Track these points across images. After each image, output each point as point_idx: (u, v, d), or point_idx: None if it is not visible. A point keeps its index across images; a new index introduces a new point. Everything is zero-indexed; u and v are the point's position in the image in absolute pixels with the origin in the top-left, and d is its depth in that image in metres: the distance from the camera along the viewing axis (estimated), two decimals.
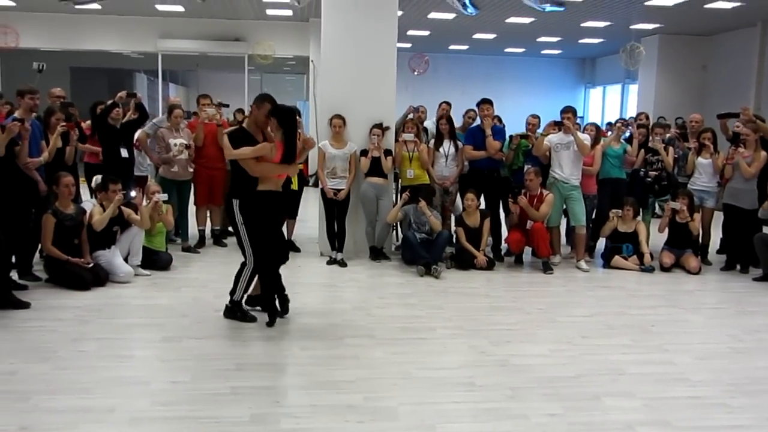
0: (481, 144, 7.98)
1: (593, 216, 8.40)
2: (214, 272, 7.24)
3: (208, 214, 8.64)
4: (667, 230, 8.09)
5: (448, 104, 9.45)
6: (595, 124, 8.50)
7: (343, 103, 7.91)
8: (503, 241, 8.23)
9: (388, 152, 7.89)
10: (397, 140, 8.09)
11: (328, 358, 4.82)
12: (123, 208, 6.91)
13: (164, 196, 7.28)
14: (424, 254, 7.38)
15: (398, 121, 8.59)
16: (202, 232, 8.52)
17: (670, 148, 8.48)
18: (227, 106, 9.08)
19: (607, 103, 22.24)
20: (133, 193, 6.88)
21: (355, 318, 5.76)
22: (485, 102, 8.08)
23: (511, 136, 8.25)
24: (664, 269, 7.85)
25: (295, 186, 8.06)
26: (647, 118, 10.61)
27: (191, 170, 8.16)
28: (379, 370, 4.62)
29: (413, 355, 4.92)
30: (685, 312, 6.32)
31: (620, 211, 7.98)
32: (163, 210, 7.39)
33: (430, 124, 9.55)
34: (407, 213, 7.69)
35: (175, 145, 7.95)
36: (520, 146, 8.19)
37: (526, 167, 8.03)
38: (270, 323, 5.41)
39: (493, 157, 8.02)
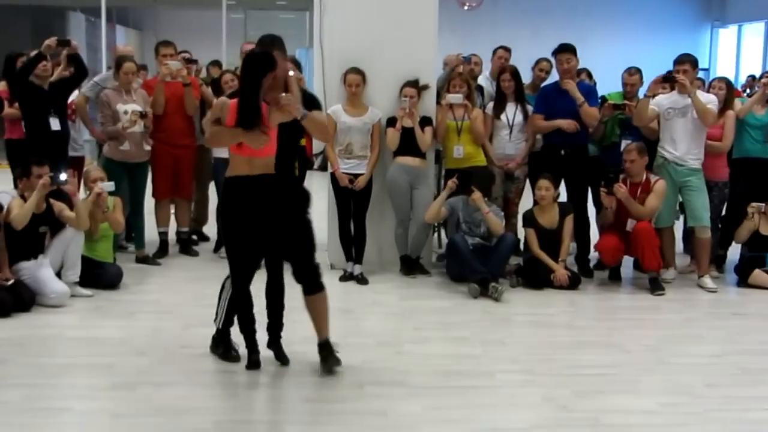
0: (561, 110, 7.98)
1: (723, 212, 8.37)
2: (182, 292, 7.33)
3: (172, 211, 8.75)
4: None
5: (507, 50, 9.43)
6: (725, 80, 8.44)
7: (363, 51, 7.95)
8: (592, 249, 8.23)
9: (426, 121, 7.91)
10: (439, 104, 8.13)
11: (343, 414, 4.85)
12: (53, 201, 7.02)
13: (110, 186, 7.38)
14: (478, 267, 7.41)
15: (441, 77, 8.62)
16: (163, 236, 8.64)
17: None
18: (195, 62, 9.16)
19: (744, 50, 22.03)
20: (63, 176, 6.90)
21: (380, 357, 5.80)
22: (565, 50, 8.05)
23: (602, 98, 8.24)
24: None
25: (294, 170, 8.10)
26: None
27: (148, 149, 8.26)
28: None
29: (462, 410, 4.94)
30: None
31: (763, 205, 7.95)
32: (109, 206, 7.49)
33: (485, 81, 9.56)
34: (454, 208, 7.73)
35: (126, 113, 8.05)
36: (615, 115, 8.17)
37: (623, 143, 8.02)
38: (249, 364, 5.48)
39: (567, 130, 7.98)
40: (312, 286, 5.44)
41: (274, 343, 5.64)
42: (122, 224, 7.80)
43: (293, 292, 5.57)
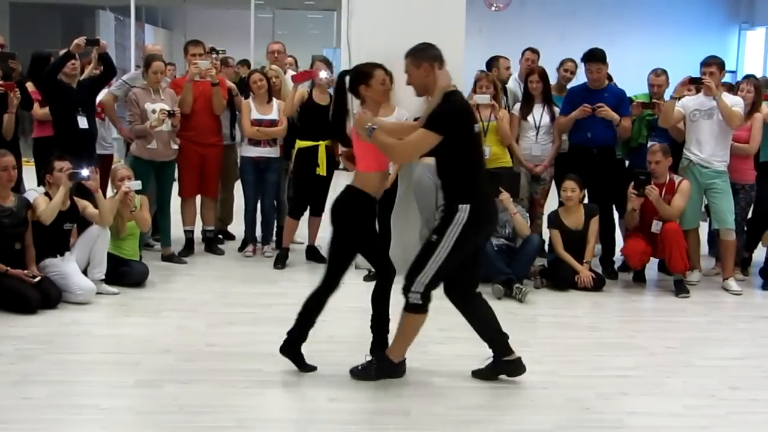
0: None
1: (749, 215, 8.31)
2: (207, 291, 7.37)
3: (198, 210, 8.79)
4: None
5: (535, 52, 9.40)
6: (753, 81, 8.38)
7: (390, 51, 7.91)
8: (618, 252, 8.19)
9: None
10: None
11: (368, 413, 4.87)
12: (77, 198, 7.07)
13: (137, 184, 7.41)
14: (503, 268, 7.40)
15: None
16: (189, 235, 8.68)
17: None
18: (222, 52, 9.19)
19: None
20: (85, 172, 6.91)
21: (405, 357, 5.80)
22: (595, 59, 7.97)
23: (630, 99, 8.20)
24: None
25: (322, 171, 8.14)
26: None
27: (175, 147, 8.31)
28: None
29: (488, 411, 4.95)
30: None
31: None
32: (136, 204, 7.54)
33: (513, 82, 9.55)
34: None
35: (154, 111, 8.09)
36: (643, 116, 8.14)
37: (649, 144, 7.98)
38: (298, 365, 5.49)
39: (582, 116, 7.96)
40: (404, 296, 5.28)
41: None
42: (149, 222, 7.85)
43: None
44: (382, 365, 5.34)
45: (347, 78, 5.51)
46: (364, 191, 5.31)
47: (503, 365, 5.36)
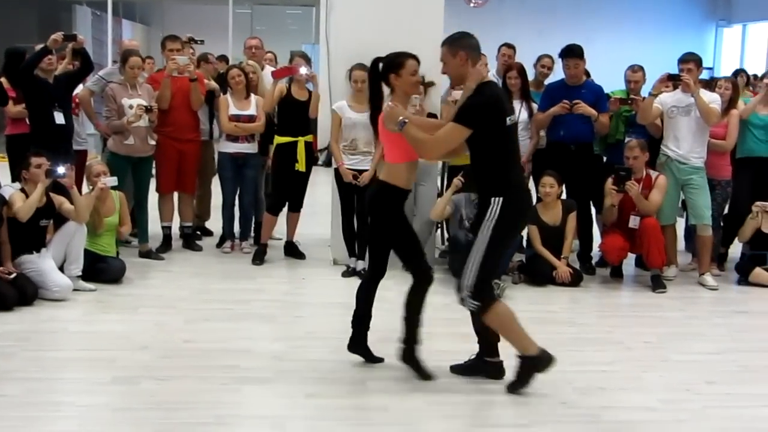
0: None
1: (725, 211, 8.36)
2: (185, 287, 7.34)
3: (176, 205, 8.77)
4: None
5: (511, 47, 9.40)
6: (733, 80, 8.43)
7: (369, 47, 7.90)
8: (596, 248, 8.22)
9: (432, 118, 7.91)
10: (444, 101, 8.12)
11: (345, 409, 4.87)
12: (53, 195, 7.03)
13: (113, 181, 7.37)
14: None
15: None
16: (167, 231, 8.65)
17: None
18: (201, 42, 9.14)
19: (748, 49, 21.98)
20: (61, 169, 6.88)
21: (383, 352, 5.77)
22: (572, 54, 8.00)
23: (607, 95, 8.23)
24: None
25: (301, 166, 8.13)
26: None
27: (153, 143, 8.27)
28: (417, 428, 4.65)
29: (465, 406, 4.96)
30: None
31: (767, 204, 7.93)
32: (116, 201, 7.51)
33: (492, 78, 9.54)
34: (458, 205, 7.72)
35: (131, 107, 8.06)
36: (620, 112, 8.17)
37: (626, 139, 8.01)
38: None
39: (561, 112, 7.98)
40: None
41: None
42: (129, 222, 7.82)
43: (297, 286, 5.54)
44: (527, 371, 5.10)
45: (380, 65, 5.42)
46: (394, 185, 5.25)
47: (484, 365, 5.34)
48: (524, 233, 8.02)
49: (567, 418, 4.82)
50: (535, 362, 5.07)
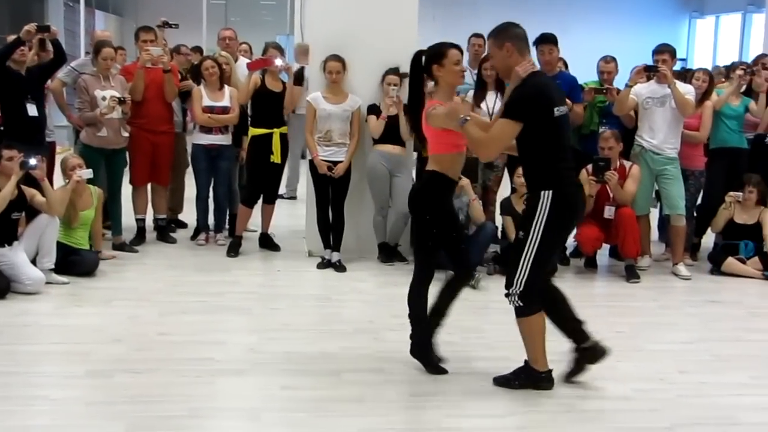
0: None
1: (699, 201, 8.42)
2: (159, 280, 7.31)
3: (149, 198, 8.73)
4: None
5: (480, 37, 9.38)
6: (709, 72, 8.47)
7: (343, 38, 7.93)
8: (570, 238, 8.24)
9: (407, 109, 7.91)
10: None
11: (320, 401, 4.86)
12: (24, 188, 6.97)
13: (88, 173, 7.34)
14: None
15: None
16: (140, 223, 8.61)
17: None
18: (176, 26, 9.04)
19: (721, 41, 22.12)
20: (33, 161, 6.81)
21: (358, 345, 5.80)
22: (546, 41, 8.03)
23: (581, 87, 8.26)
24: None
25: (277, 158, 8.11)
26: None
27: (126, 135, 8.22)
28: (392, 419, 4.65)
29: (441, 397, 4.96)
30: None
31: (741, 194, 7.99)
32: (93, 196, 7.49)
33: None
34: None
35: (104, 98, 8.01)
36: (594, 103, 8.19)
37: (601, 130, 8.04)
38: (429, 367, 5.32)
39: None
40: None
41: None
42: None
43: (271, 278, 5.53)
44: (525, 376, 5.05)
45: (423, 57, 5.24)
46: (443, 173, 5.12)
47: (584, 353, 5.14)
48: (498, 223, 8.08)
49: (542, 408, 4.84)
50: (537, 378, 5.01)
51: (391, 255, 8.01)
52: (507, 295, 4.99)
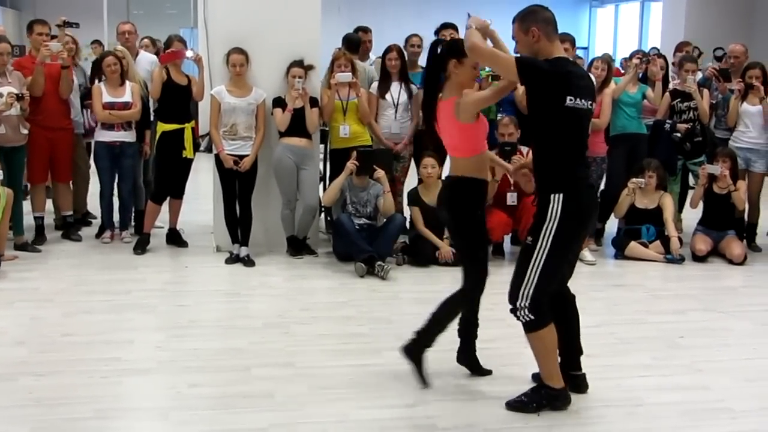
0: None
1: (601, 187, 8.58)
2: (62, 279, 7.17)
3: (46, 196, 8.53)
4: (701, 205, 8.30)
5: (367, 32, 9.51)
6: (607, 59, 8.61)
7: (247, 31, 7.87)
8: None
9: (312, 102, 7.88)
10: (327, 84, 8.08)
11: (229, 397, 4.82)
12: None
13: None
14: (364, 246, 7.43)
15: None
16: (39, 221, 8.42)
17: (705, 91, 8.68)
18: (76, 25, 8.87)
19: (620, 29, 22.56)
20: None
21: (267, 339, 5.78)
22: (448, 26, 8.13)
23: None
24: (698, 258, 8.10)
25: (189, 153, 8.03)
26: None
27: (25, 132, 8.02)
28: (302, 413, 4.64)
29: (351, 389, 4.97)
30: (726, 317, 6.53)
31: (642, 181, 8.17)
32: (2, 197, 7.33)
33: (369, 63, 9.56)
34: (343, 189, 7.73)
35: (1, 95, 7.80)
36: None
37: (498, 116, 8.12)
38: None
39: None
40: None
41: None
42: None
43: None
44: (541, 396, 4.72)
45: (440, 49, 4.94)
46: (472, 176, 4.86)
47: (572, 380, 4.91)
48: (407, 214, 8.11)
49: (450, 396, 4.90)
50: (553, 395, 4.71)
51: (300, 248, 7.99)
52: (513, 311, 4.69)
